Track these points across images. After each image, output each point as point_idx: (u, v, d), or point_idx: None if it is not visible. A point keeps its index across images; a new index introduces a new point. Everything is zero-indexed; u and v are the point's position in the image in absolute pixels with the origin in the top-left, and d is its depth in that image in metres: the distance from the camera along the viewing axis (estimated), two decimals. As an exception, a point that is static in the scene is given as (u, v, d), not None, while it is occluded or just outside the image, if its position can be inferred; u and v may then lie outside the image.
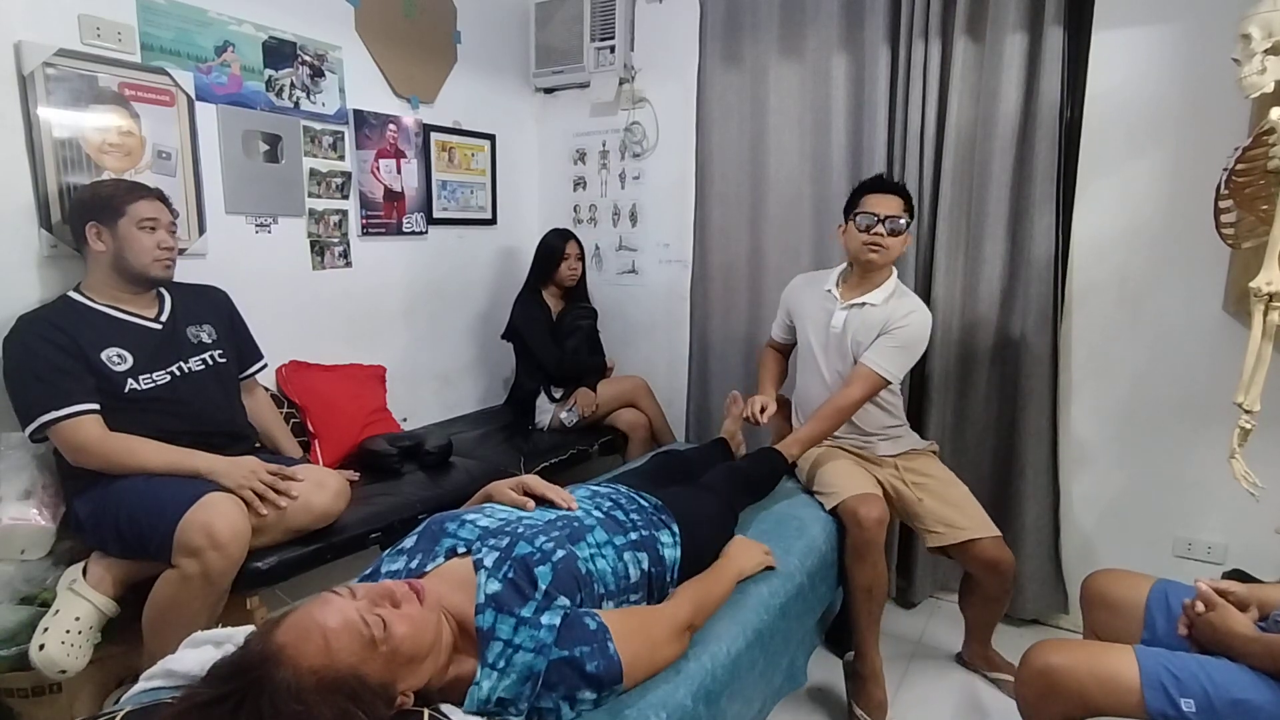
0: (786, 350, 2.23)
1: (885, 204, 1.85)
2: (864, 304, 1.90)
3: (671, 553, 1.35)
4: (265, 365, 2.01)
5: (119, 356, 1.63)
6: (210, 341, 1.81)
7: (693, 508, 1.49)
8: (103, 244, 1.63)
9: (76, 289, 1.67)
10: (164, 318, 1.75)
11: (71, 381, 1.55)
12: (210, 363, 1.79)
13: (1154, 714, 1.12)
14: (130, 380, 1.63)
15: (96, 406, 1.56)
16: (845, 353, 1.94)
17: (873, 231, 1.85)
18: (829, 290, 1.99)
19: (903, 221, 1.85)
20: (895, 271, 1.95)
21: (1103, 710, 1.17)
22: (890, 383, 1.88)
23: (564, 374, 2.69)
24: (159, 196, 1.71)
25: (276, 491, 1.60)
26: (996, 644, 2.02)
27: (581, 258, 2.76)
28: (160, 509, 1.47)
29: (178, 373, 1.71)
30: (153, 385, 1.66)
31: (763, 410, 1.94)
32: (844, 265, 2.01)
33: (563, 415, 2.62)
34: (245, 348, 1.95)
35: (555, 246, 2.70)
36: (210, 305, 1.88)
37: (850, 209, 1.92)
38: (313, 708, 0.76)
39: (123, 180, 1.73)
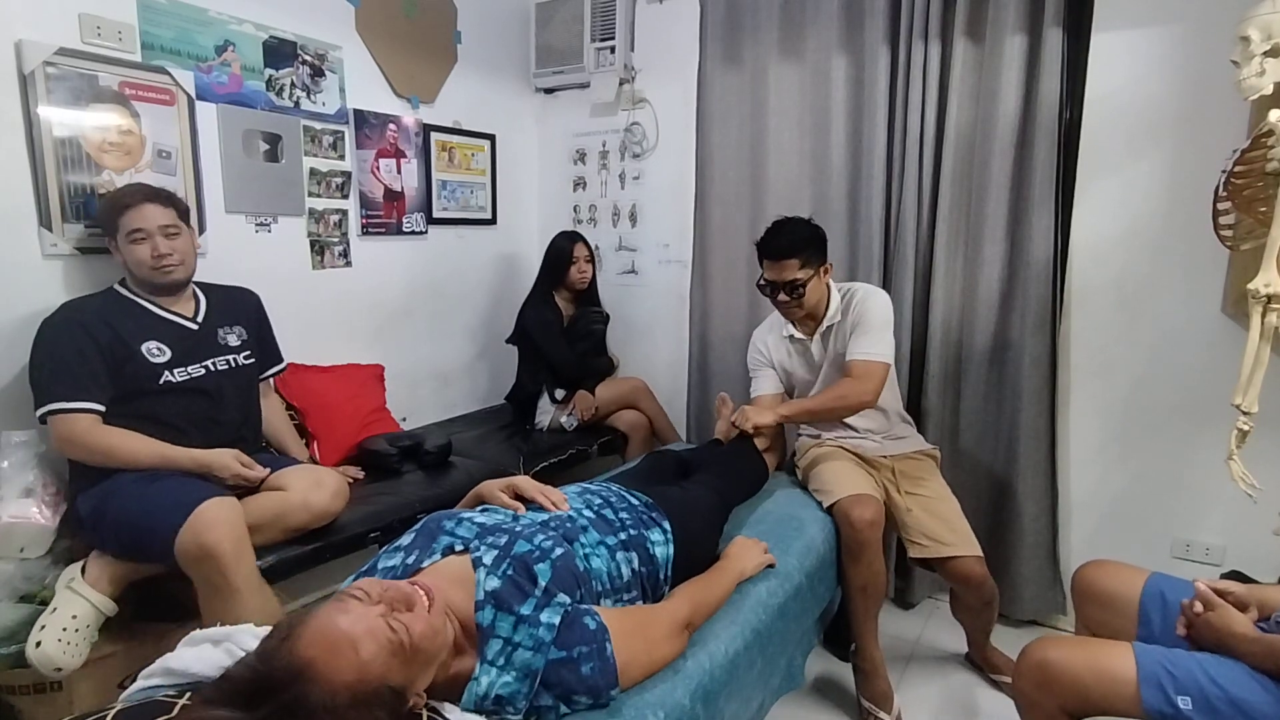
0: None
1: (780, 270, 1.86)
2: (829, 326, 1.95)
3: (664, 550, 1.35)
4: (285, 367, 2.05)
5: (158, 349, 1.68)
6: (239, 344, 1.85)
7: (685, 504, 1.50)
8: (119, 256, 1.69)
9: (121, 283, 1.72)
10: (200, 318, 1.78)
11: (90, 378, 1.57)
12: (234, 364, 1.82)
13: (1150, 711, 1.12)
14: (166, 373, 1.67)
15: (102, 408, 1.58)
16: (843, 366, 1.95)
17: (779, 300, 1.89)
18: (789, 335, 2.02)
19: (801, 279, 1.85)
20: (829, 283, 1.97)
21: (1099, 706, 1.17)
22: (888, 363, 1.89)
23: (575, 376, 2.68)
24: (149, 198, 1.67)
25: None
26: (996, 646, 2.02)
27: (591, 260, 2.75)
28: (158, 516, 1.47)
29: (211, 369, 1.76)
30: (188, 378, 1.71)
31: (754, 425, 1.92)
32: None
33: (563, 419, 2.62)
34: (268, 350, 1.98)
35: (564, 249, 2.69)
36: (241, 307, 1.91)
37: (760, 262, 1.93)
38: None
39: (125, 188, 1.72)
